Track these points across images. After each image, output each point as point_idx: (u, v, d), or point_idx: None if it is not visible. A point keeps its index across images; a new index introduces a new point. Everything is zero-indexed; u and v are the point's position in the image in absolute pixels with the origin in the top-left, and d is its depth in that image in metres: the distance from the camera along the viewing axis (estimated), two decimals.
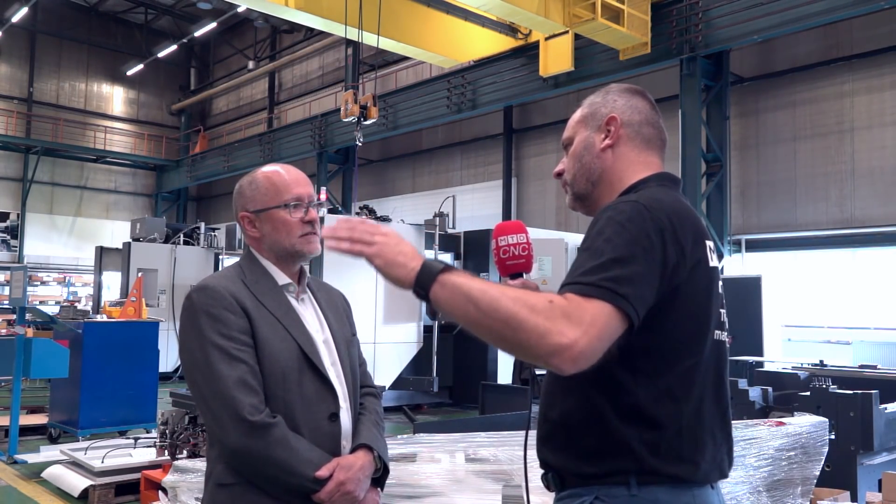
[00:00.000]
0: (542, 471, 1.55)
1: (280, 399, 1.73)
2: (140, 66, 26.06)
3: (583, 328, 1.24)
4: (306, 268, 1.97)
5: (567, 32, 12.20)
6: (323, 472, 1.69)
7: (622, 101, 1.63)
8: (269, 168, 1.92)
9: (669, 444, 1.39)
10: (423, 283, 1.35)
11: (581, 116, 1.67)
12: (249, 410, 1.65)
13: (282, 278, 1.87)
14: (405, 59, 17.91)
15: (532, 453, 1.60)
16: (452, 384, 11.08)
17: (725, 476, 1.51)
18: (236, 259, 2.04)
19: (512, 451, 3.54)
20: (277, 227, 1.85)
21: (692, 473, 1.41)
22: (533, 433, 1.60)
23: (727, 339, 1.57)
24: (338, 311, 1.97)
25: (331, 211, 11.91)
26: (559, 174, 1.69)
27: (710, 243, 1.49)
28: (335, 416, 1.79)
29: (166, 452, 5.42)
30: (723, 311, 1.52)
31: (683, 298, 1.40)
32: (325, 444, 1.76)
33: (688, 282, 1.40)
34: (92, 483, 5.33)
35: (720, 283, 1.53)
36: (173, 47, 24.69)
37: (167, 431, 5.47)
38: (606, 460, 1.40)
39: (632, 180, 1.57)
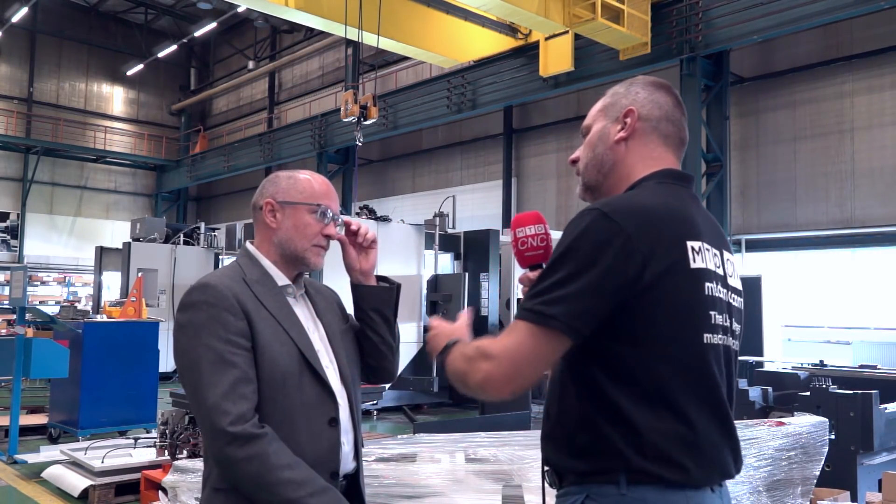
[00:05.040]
0: (545, 468, 1.57)
1: (280, 404, 1.70)
2: (140, 66, 26.06)
3: (494, 360, 1.42)
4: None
5: (567, 32, 12.20)
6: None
7: (644, 93, 1.60)
8: (308, 173, 1.92)
9: (654, 447, 1.38)
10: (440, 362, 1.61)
11: (602, 106, 1.64)
12: (233, 419, 1.60)
13: (281, 279, 1.85)
14: (405, 59, 17.91)
15: (537, 451, 1.64)
16: (452, 384, 11.06)
17: (730, 476, 1.49)
18: (235, 257, 2.01)
19: (512, 451, 3.54)
20: (298, 225, 1.83)
21: (682, 477, 1.39)
22: (538, 431, 1.63)
23: (730, 343, 1.51)
24: (332, 308, 1.96)
25: None
26: (574, 161, 1.67)
27: (694, 244, 1.44)
28: (335, 421, 1.78)
29: (166, 452, 5.42)
30: (714, 312, 1.45)
31: (653, 303, 1.38)
32: (325, 449, 1.74)
33: (657, 285, 1.38)
34: (92, 483, 5.33)
35: (717, 285, 1.48)
36: (173, 47, 24.69)
37: (167, 431, 5.47)
38: (595, 458, 1.41)
39: (639, 176, 1.55)
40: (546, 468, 1.55)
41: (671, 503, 1.39)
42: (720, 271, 1.51)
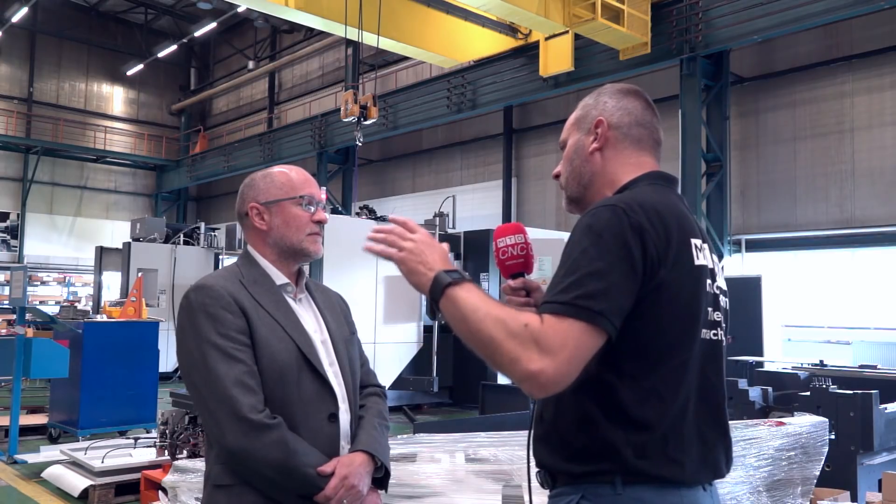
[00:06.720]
0: (537, 469, 1.57)
1: (278, 400, 1.72)
2: (140, 66, 26.05)
3: (551, 356, 1.28)
4: (305, 269, 1.97)
5: (567, 32, 12.20)
6: (325, 469, 1.69)
7: (612, 102, 1.62)
8: (281, 167, 1.95)
9: (656, 445, 1.38)
10: (433, 295, 1.42)
11: (574, 119, 1.67)
12: (248, 409, 1.64)
13: (280, 278, 1.86)
14: (405, 59, 17.90)
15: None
16: (452, 384, 11.08)
17: (721, 476, 1.50)
18: (236, 259, 2.03)
19: (512, 451, 3.54)
20: (288, 220, 1.85)
21: (679, 474, 1.40)
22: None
23: (725, 339, 1.54)
24: (335, 312, 1.96)
25: (332, 211, 11.92)
26: (557, 176, 1.71)
27: (696, 241, 1.47)
28: (334, 417, 1.79)
29: (166, 452, 5.42)
30: (710, 309, 1.48)
31: (664, 299, 1.39)
32: (324, 444, 1.75)
33: (668, 282, 1.39)
34: (92, 483, 5.33)
35: (712, 281, 1.50)
36: (173, 47, 24.69)
37: (167, 431, 5.47)
38: (592, 461, 1.40)
39: (623, 181, 1.57)
40: (540, 471, 1.54)
41: (667, 502, 1.39)
42: (714, 268, 1.54)
